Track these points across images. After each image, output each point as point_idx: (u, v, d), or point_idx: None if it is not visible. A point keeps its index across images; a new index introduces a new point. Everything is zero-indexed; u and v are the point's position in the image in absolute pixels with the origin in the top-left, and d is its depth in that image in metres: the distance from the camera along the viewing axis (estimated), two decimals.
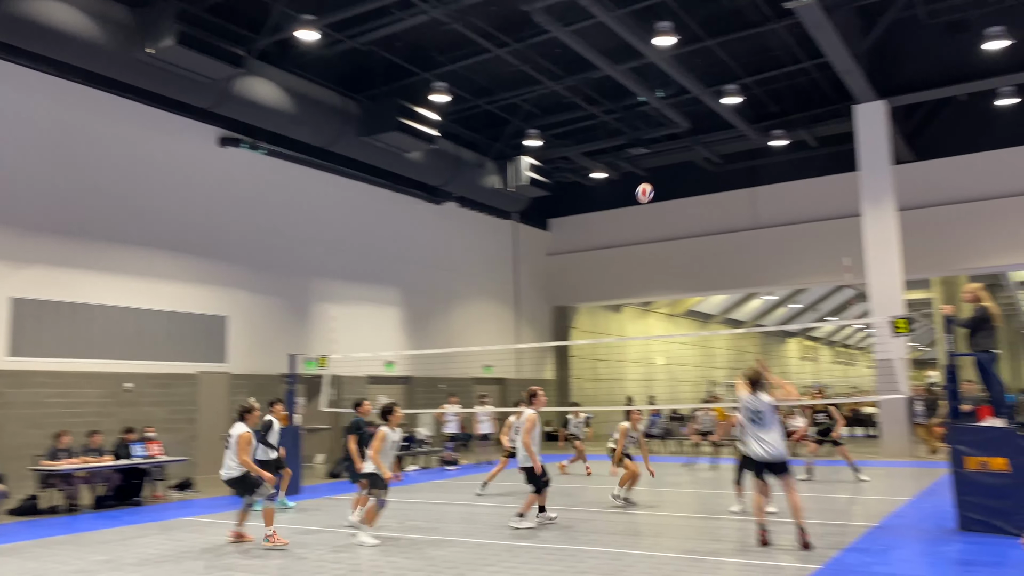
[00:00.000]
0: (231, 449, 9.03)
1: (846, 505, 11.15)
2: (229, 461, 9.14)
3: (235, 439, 8.99)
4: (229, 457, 9.14)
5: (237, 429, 9.16)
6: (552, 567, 7.47)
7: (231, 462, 9.06)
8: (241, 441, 8.94)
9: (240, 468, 8.97)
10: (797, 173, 24.43)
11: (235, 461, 8.97)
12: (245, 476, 8.97)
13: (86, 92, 15.39)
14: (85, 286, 15.11)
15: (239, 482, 9.01)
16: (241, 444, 8.91)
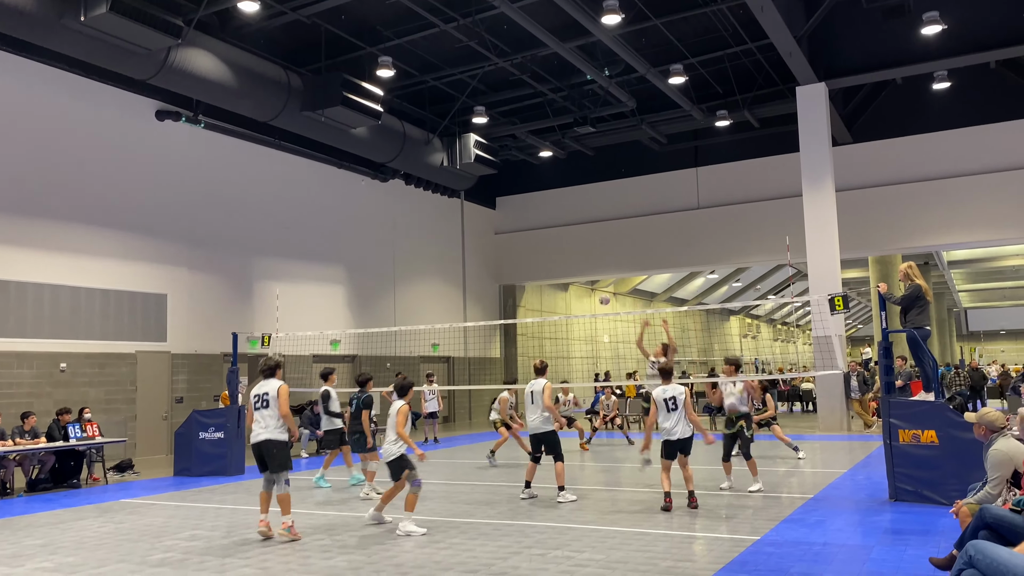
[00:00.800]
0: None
1: (783, 478, 11.47)
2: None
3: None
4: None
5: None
6: (499, 542, 7.53)
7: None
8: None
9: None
10: (740, 154, 24.83)
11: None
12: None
13: (16, 61, 14.78)
14: (16, 263, 14.58)
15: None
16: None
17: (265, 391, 8.15)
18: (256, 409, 8.15)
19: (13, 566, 7.12)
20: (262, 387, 8.21)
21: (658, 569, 6.39)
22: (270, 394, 8.12)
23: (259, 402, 8.14)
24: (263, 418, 8.13)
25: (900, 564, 6.35)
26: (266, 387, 8.25)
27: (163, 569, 6.84)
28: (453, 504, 9.92)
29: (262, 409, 8.12)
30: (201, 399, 17.44)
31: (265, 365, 8.33)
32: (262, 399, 8.13)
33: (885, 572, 6.13)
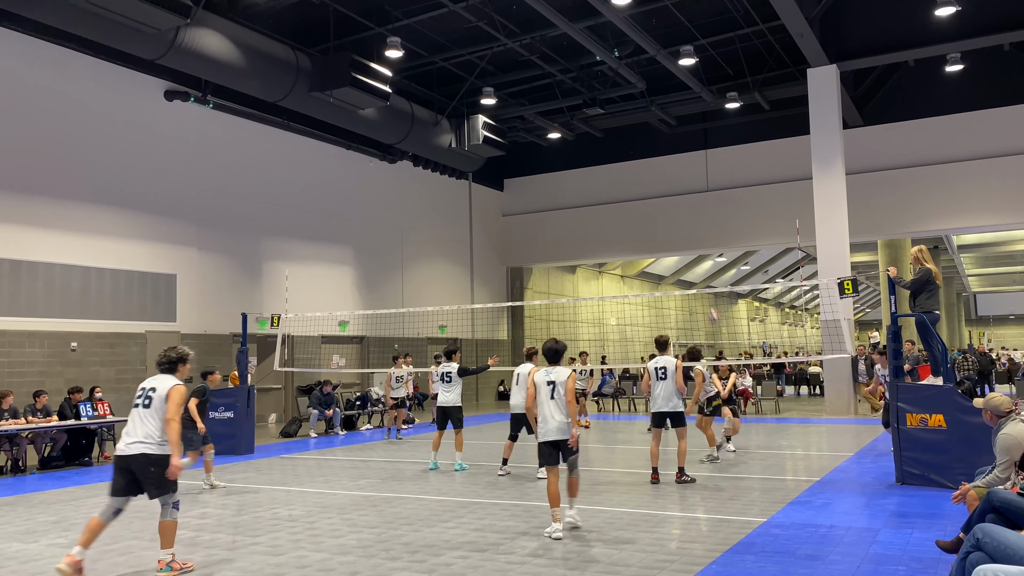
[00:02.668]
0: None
1: (790, 461, 11.50)
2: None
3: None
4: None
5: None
6: (506, 522, 7.59)
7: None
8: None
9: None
10: (750, 136, 24.70)
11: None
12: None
13: (27, 41, 14.77)
14: (26, 243, 14.65)
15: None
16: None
17: (153, 386, 6.10)
18: (135, 407, 6.08)
19: (27, 542, 7.22)
20: (151, 382, 6.19)
21: (665, 550, 6.44)
22: (559, 383, 6.81)
23: (143, 398, 6.06)
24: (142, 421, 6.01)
25: (906, 547, 6.38)
26: (557, 373, 7.15)
27: (175, 546, 6.91)
28: (460, 484, 9.99)
29: (142, 408, 6.03)
30: None
31: (164, 357, 6.32)
32: (145, 395, 6.07)
33: (891, 554, 6.16)
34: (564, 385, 7.11)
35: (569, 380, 7.13)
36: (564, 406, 7.10)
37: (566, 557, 6.26)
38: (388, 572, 5.95)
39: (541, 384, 7.20)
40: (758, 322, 55.20)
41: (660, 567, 5.93)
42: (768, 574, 5.69)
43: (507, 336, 28.71)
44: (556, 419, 7.08)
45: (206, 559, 6.42)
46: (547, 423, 7.11)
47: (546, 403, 7.13)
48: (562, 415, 7.08)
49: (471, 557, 6.32)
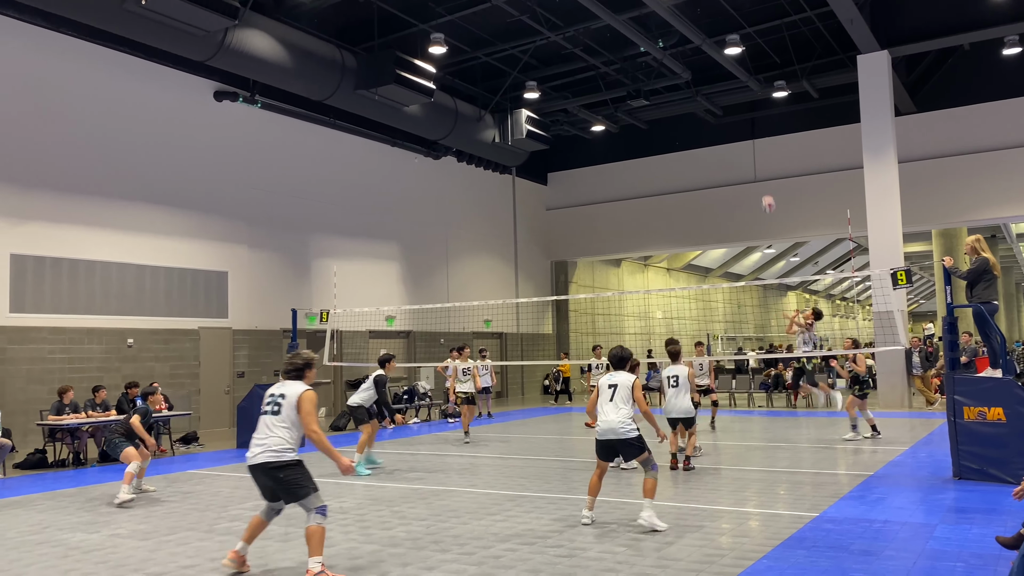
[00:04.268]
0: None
1: (842, 455, 11.30)
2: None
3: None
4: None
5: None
6: (555, 515, 7.60)
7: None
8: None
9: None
10: (798, 125, 24.28)
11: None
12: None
13: (81, 46, 15.19)
14: (84, 242, 15.09)
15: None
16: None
17: (282, 392, 5.92)
18: (263, 414, 5.92)
19: (90, 532, 7.45)
20: (615, 376, 7.10)
21: (715, 544, 6.39)
22: (287, 398, 5.86)
23: (270, 404, 5.91)
24: (609, 412, 7.09)
25: (964, 543, 6.23)
26: (618, 377, 7.33)
27: (229, 538, 7.07)
28: (508, 478, 10.03)
29: (271, 416, 5.87)
30: (261, 374, 17.86)
31: (291, 365, 6.07)
32: (274, 401, 5.91)
33: (949, 550, 6.02)
34: (628, 389, 7.33)
35: (635, 386, 7.37)
36: (622, 409, 7.24)
37: (614, 551, 6.25)
38: (438, 564, 6.01)
39: (603, 387, 7.47)
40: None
41: (710, 561, 5.89)
42: (820, 570, 5.61)
43: (552, 330, 28.70)
44: (613, 420, 7.21)
45: (260, 550, 6.55)
46: (604, 424, 7.28)
47: (606, 405, 7.32)
48: (618, 417, 7.19)
49: (520, 550, 6.35)
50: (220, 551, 6.56)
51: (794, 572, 5.57)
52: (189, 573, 5.95)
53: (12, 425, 12.66)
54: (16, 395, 13.77)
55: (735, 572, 5.59)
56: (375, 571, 5.86)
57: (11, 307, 13.98)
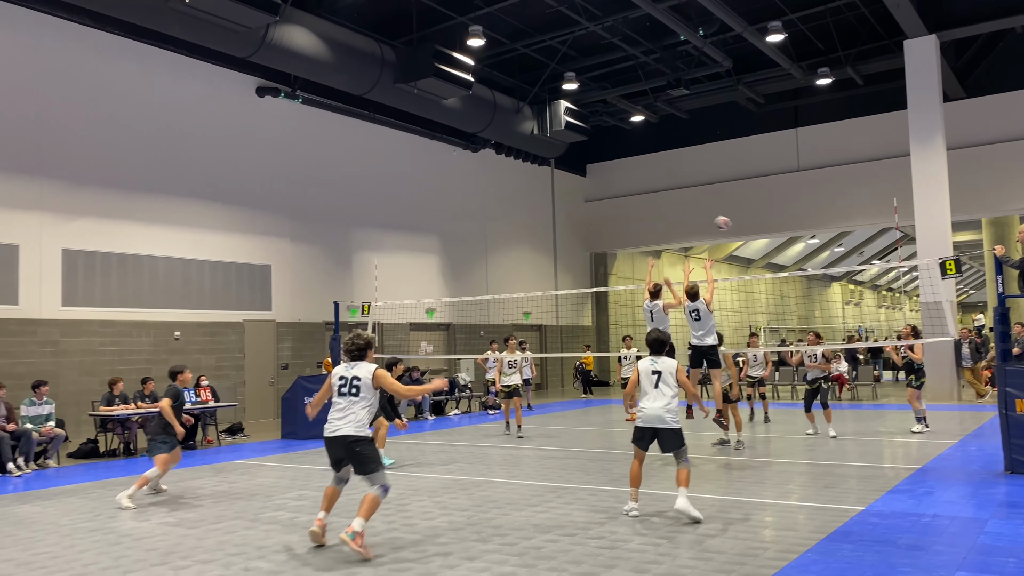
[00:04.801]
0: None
1: (890, 448, 11.11)
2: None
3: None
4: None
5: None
6: (595, 507, 7.59)
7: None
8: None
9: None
10: (843, 113, 23.83)
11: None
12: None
13: (127, 44, 15.49)
14: (132, 237, 15.42)
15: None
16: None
17: (355, 375, 6.38)
18: (341, 395, 6.40)
19: (140, 520, 7.63)
20: (351, 369, 6.49)
21: (759, 538, 6.32)
22: (363, 379, 6.33)
23: (345, 386, 6.39)
24: (653, 399, 7.07)
25: (1017, 538, 6.09)
26: (662, 363, 7.19)
27: (274, 527, 7.20)
28: (549, 470, 10.03)
29: (349, 396, 6.35)
30: (305, 366, 18.10)
31: (353, 345, 6.54)
32: (349, 383, 6.37)
33: (1001, 546, 5.89)
34: (673, 374, 7.19)
35: (679, 370, 7.23)
36: (668, 395, 7.14)
37: (656, 542, 6.22)
38: (480, 554, 6.04)
39: (646, 373, 7.25)
40: (853, 305, 53.35)
41: (754, 554, 5.83)
42: (867, 564, 5.52)
43: (591, 322, 28.61)
44: (659, 408, 7.09)
45: (303, 540, 6.65)
46: (649, 411, 7.14)
47: (650, 391, 7.18)
48: (664, 405, 7.09)
49: (561, 541, 6.36)
50: (265, 539, 6.68)
51: (840, 566, 5.49)
52: (236, 560, 6.06)
53: (65, 415, 13.01)
54: (69, 386, 14.15)
55: (779, 565, 5.53)
56: (418, 560, 5.91)
57: (63, 301, 14.35)
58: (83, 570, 5.91)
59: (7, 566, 6.08)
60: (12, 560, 6.25)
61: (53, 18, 14.41)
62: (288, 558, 6.09)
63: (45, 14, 14.30)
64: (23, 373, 13.36)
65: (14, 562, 6.19)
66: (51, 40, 14.46)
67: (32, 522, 7.66)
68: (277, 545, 6.49)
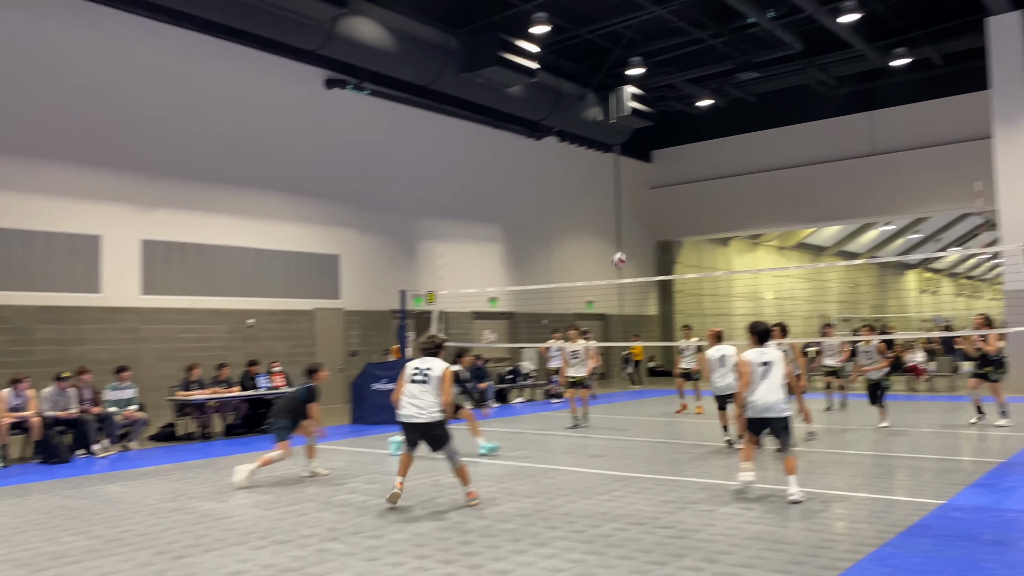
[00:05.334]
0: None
1: (967, 441, 10.73)
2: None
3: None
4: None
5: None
6: (663, 496, 7.54)
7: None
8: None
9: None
10: (920, 94, 23.00)
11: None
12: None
13: (201, 39, 15.91)
14: (207, 228, 15.88)
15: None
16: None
17: (428, 367, 7.42)
18: (414, 382, 7.38)
19: (218, 501, 7.88)
20: (424, 362, 7.50)
21: (833, 529, 6.19)
22: (433, 371, 7.37)
23: (418, 375, 7.40)
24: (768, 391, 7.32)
25: None
26: (428, 363, 7.53)
27: (347, 509, 7.35)
28: (614, 459, 10.00)
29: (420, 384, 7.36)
30: (372, 352, 18.40)
31: (430, 342, 7.66)
32: (422, 373, 7.40)
33: None
34: (782, 365, 7.47)
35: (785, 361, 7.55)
36: (780, 387, 7.40)
37: (727, 533, 6.15)
38: (548, 540, 6.06)
39: (755, 364, 7.48)
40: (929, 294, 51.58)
41: (828, 546, 5.71)
42: (948, 560, 5.35)
43: (656, 311, 28.32)
44: (772, 399, 7.37)
45: (376, 521, 6.78)
46: (763, 401, 7.37)
47: (761, 382, 7.41)
48: (778, 396, 7.37)
49: (629, 530, 6.33)
50: (339, 522, 6.83)
51: (919, 561, 5.34)
52: (310, 541, 6.22)
53: (146, 400, 13.49)
54: (148, 372, 14.68)
55: (855, 559, 5.40)
56: (487, 545, 5.97)
57: (143, 289, 14.89)
58: (166, 547, 6.14)
59: (97, 542, 6.36)
60: (101, 537, 6.53)
61: (133, 16, 14.90)
62: (361, 539, 6.22)
63: (125, 12, 14.79)
64: (106, 359, 13.92)
65: (103, 539, 6.47)
66: (131, 38, 14.96)
67: (118, 501, 8.00)
68: (350, 527, 6.63)
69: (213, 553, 5.95)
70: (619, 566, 5.37)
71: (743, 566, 5.31)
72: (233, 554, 5.91)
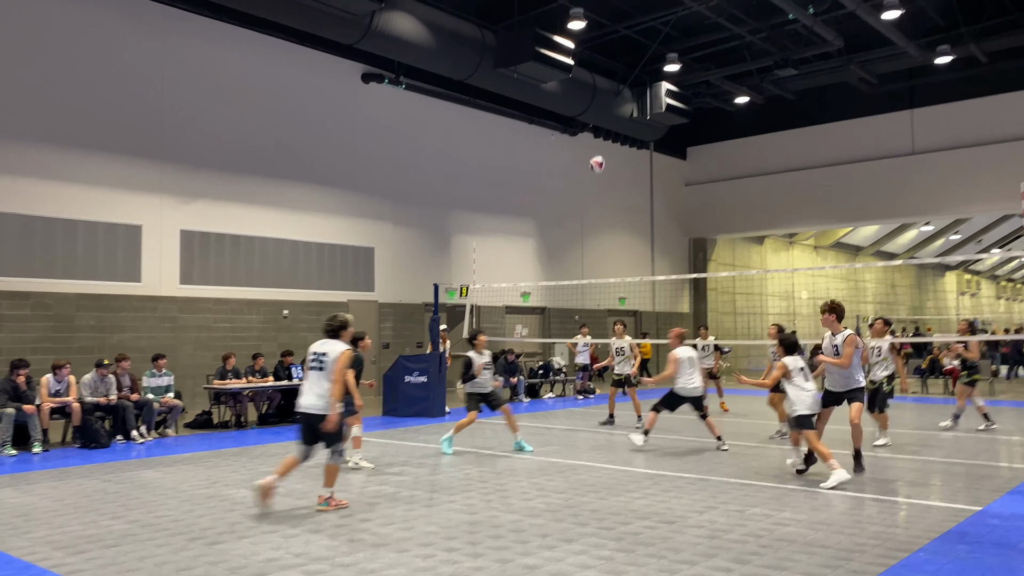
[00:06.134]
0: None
1: (1006, 447, 10.53)
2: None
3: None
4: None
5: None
6: (693, 496, 7.51)
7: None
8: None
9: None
10: (963, 92, 22.55)
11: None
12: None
13: (242, 33, 16.12)
14: (243, 219, 16.09)
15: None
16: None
17: (324, 351, 6.93)
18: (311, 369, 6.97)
19: (253, 489, 8.00)
20: (321, 346, 7.01)
21: (866, 534, 6.12)
22: (328, 356, 6.86)
23: (314, 362, 6.95)
24: (315, 382, 6.94)
25: None
26: (325, 347, 7.01)
27: (379, 500, 7.43)
28: (645, 456, 9.97)
29: (316, 371, 6.92)
30: (405, 345, 18.54)
31: (328, 325, 7.13)
32: (318, 359, 6.92)
33: None
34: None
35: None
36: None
37: (758, 534, 6.11)
38: (577, 536, 6.08)
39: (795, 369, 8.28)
40: (968, 296, 50.60)
41: (860, 550, 5.65)
42: (985, 567, 5.27)
43: (689, 309, 28.15)
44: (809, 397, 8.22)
45: (406, 513, 6.84)
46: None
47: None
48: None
49: (659, 528, 6.32)
50: (369, 512, 6.90)
51: (954, 567, 5.27)
52: (341, 532, 6.29)
53: (182, 388, 13.74)
54: (185, 360, 14.94)
55: (888, 563, 5.34)
56: (516, 540, 6.00)
57: (181, 279, 15.14)
58: (201, 533, 6.26)
59: (134, 527, 6.50)
60: (138, 521, 6.68)
61: (176, 10, 15.14)
62: (392, 531, 6.28)
63: (168, 6, 15.03)
64: (145, 347, 14.19)
65: (140, 523, 6.61)
66: (174, 32, 15.19)
67: (155, 487, 8.16)
68: (380, 518, 6.70)
69: (247, 540, 6.06)
70: (648, 564, 5.37)
71: (774, 568, 5.28)
72: (266, 542, 6.01)
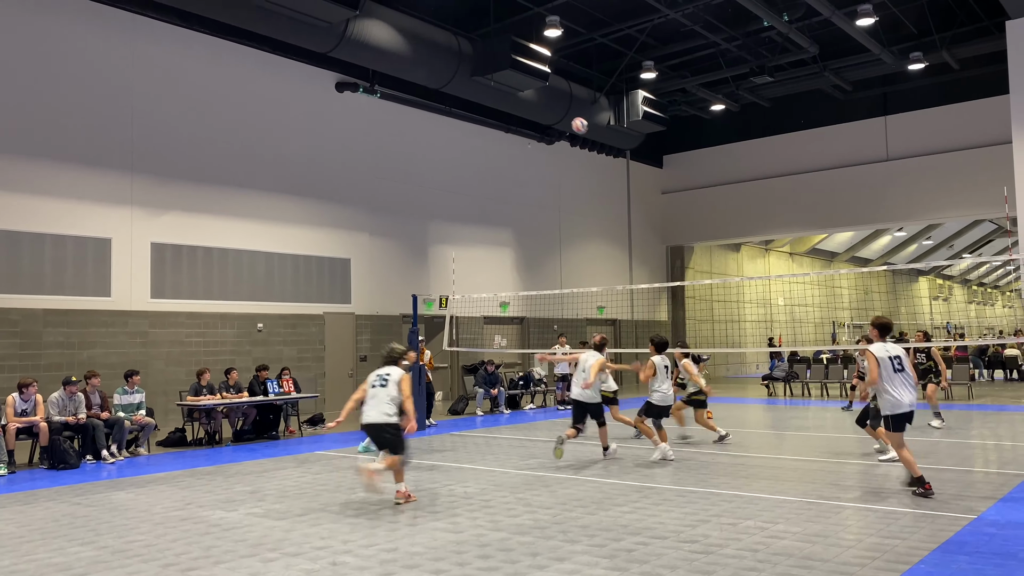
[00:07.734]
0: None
1: (993, 453, 10.48)
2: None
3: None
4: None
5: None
6: (684, 509, 7.33)
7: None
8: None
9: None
10: (936, 99, 22.77)
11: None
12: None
13: (212, 42, 15.81)
14: (217, 231, 15.75)
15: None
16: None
17: (388, 372, 8.13)
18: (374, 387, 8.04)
19: (228, 510, 7.71)
20: (384, 370, 8.22)
21: (863, 545, 5.97)
22: (392, 376, 8.06)
23: (379, 381, 8.08)
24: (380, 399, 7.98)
25: None
26: (389, 371, 8.19)
27: (360, 520, 7.17)
28: (633, 468, 9.79)
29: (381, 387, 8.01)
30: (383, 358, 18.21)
31: (389, 356, 8.41)
32: (382, 379, 8.08)
33: None
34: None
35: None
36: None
37: (754, 548, 5.94)
38: (568, 555, 5.87)
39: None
40: (941, 301, 51.21)
41: (860, 564, 5.50)
42: None
43: (667, 317, 28.10)
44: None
45: (390, 535, 6.59)
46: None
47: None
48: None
49: (652, 544, 6.13)
50: (351, 533, 6.65)
51: None
52: (323, 554, 6.03)
53: (154, 404, 13.38)
54: (157, 376, 14.55)
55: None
56: (504, 560, 5.78)
57: (152, 293, 14.76)
58: (175, 559, 5.97)
59: (103, 553, 6.19)
60: (108, 547, 6.37)
61: (144, 18, 14.81)
62: (375, 552, 6.03)
63: (137, 14, 14.70)
64: (115, 363, 13.79)
65: (109, 549, 6.30)
66: (143, 40, 14.86)
67: (126, 509, 7.83)
68: (362, 539, 6.45)
69: (223, 566, 5.78)
70: None
71: None
72: (244, 567, 5.74)
